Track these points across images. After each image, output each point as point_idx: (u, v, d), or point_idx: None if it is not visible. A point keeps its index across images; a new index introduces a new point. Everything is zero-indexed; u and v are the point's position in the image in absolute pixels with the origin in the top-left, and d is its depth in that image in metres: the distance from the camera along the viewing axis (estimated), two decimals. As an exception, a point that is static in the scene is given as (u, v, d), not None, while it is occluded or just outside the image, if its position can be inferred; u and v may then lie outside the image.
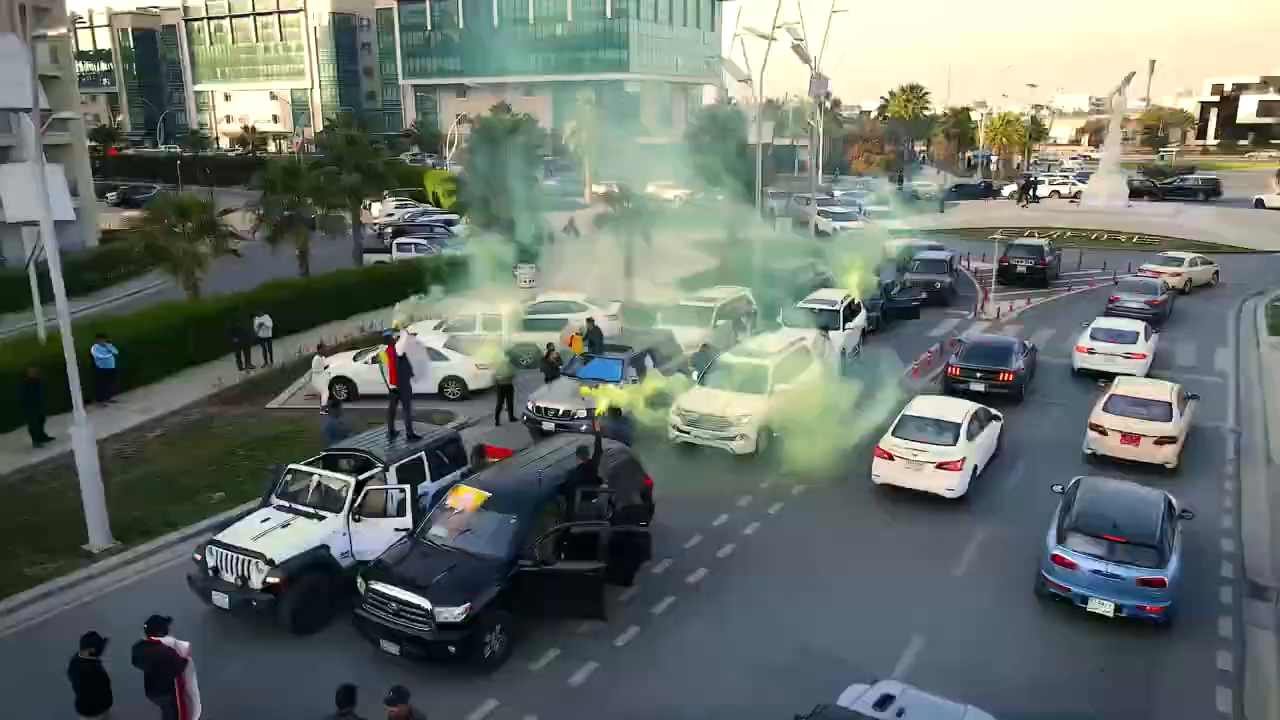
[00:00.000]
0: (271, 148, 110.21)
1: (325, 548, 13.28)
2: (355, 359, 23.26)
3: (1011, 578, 14.45)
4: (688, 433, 19.01)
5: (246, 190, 41.11)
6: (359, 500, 13.64)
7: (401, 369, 15.91)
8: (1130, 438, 18.60)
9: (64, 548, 15.44)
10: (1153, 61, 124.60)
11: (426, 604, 11.59)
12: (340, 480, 13.89)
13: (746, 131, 46.10)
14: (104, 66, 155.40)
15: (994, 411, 19.51)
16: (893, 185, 68.53)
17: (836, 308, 25.53)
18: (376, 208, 62.95)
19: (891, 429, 18.03)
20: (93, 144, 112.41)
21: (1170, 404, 19.10)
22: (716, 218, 38.13)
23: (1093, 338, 24.88)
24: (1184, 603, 13.06)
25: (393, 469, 14.31)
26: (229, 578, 12.90)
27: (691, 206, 40.77)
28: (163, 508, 16.99)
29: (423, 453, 15.01)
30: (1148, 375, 23.39)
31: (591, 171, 69.51)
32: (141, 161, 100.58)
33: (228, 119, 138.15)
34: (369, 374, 22.67)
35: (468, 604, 11.59)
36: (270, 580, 12.54)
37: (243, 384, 24.13)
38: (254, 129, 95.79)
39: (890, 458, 17.41)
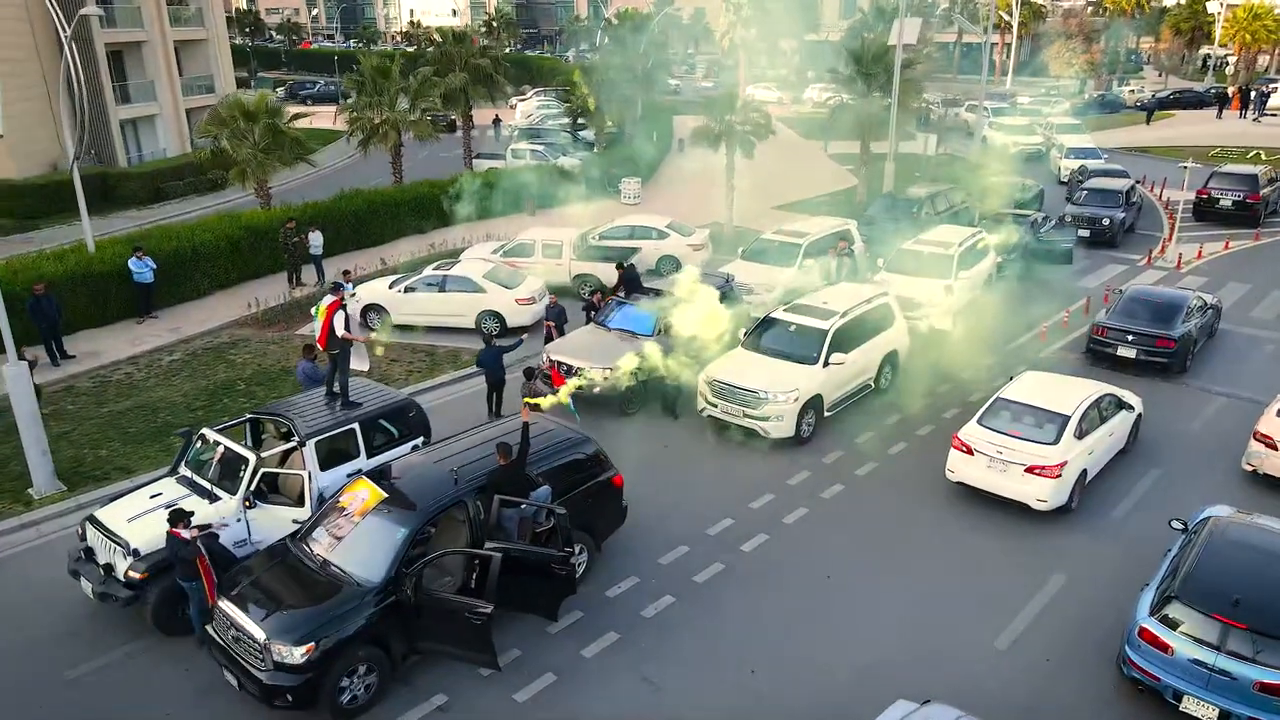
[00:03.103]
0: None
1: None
2: (391, 286, 21.27)
3: (1085, 651, 10.71)
4: (715, 406, 15.74)
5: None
6: (254, 481, 11.57)
7: (331, 334, 13.52)
8: (1310, 457, 13.88)
9: (11, 490, 14.46)
10: None
11: (261, 636, 9.37)
12: (240, 455, 11.83)
13: (920, 26, 40.07)
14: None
15: (1127, 398, 15.10)
16: (1093, 91, 59.22)
17: (950, 253, 20.53)
18: (521, 108, 60.90)
19: (978, 415, 14.20)
20: (281, 37, 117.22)
21: (1377, 413, 14.12)
22: (850, 130, 33.06)
23: None
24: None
25: (310, 444, 12.08)
26: (100, 562, 11.26)
27: (826, 116, 35.62)
28: (131, 449, 15.74)
29: (356, 424, 12.70)
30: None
31: (747, 72, 64.21)
32: (323, 57, 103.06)
33: (411, 14, 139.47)
34: (405, 302, 20.88)
35: (311, 644, 9.27)
36: (131, 574, 10.75)
37: (286, 304, 22.71)
38: (418, 23, 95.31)
39: (970, 452, 13.66)
